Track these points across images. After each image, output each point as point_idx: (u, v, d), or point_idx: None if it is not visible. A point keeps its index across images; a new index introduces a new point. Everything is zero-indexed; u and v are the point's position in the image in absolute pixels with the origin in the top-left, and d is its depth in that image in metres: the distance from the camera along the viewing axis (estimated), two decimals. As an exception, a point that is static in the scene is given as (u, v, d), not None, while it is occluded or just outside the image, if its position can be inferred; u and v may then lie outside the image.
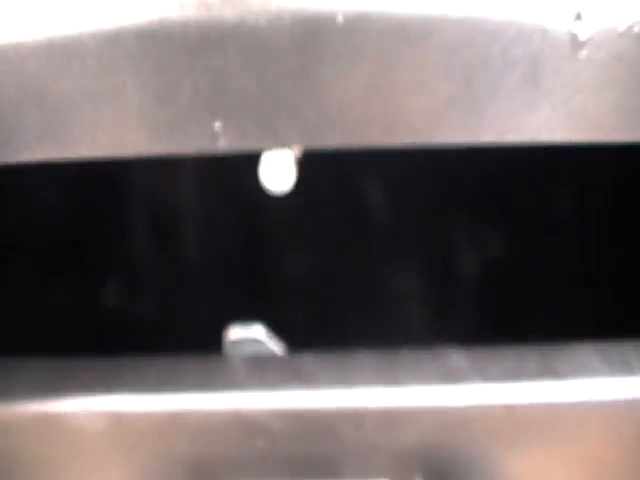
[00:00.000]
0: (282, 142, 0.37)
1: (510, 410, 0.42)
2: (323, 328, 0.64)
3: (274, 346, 0.45)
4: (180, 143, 0.36)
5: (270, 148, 0.37)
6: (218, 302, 0.65)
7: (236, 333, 0.45)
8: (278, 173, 0.37)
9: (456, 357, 0.43)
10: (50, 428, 0.42)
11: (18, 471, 0.44)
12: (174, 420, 0.42)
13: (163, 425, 0.42)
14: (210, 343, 0.45)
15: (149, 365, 0.44)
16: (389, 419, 0.42)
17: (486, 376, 0.42)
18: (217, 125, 0.36)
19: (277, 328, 0.46)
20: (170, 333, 0.64)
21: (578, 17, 0.37)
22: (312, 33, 0.35)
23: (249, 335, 0.45)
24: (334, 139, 0.37)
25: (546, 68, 0.37)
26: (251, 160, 0.39)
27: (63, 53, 0.35)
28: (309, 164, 0.40)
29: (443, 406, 0.42)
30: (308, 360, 0.44)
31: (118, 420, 0.42)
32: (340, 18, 0.35)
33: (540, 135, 0.38)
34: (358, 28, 0.35)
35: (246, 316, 0.46)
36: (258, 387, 0.42)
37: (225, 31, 0.35)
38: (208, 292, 0.65)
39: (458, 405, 0.42)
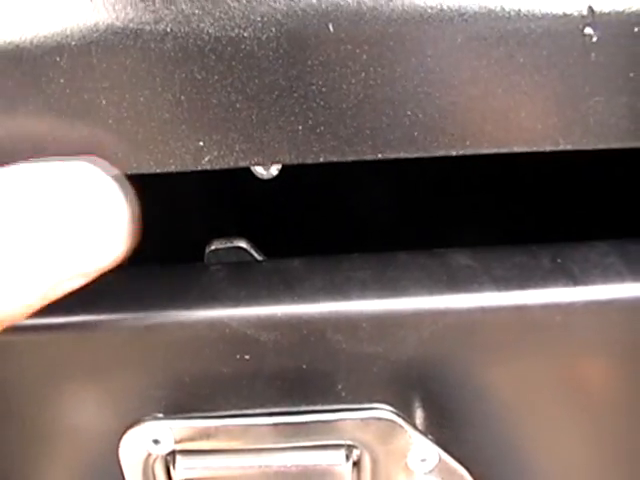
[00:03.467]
0: (270, 158, 0.34)
1: (522, 314, 0.38)
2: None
3: (259, 257, 0.42)
4: (161, 161, 0.34)
5: (258, 164, 0.35)
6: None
7: (217, 243, 0.41)
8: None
9: (461, 257, 0.40)
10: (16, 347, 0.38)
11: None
12: (145, 335, 0.38)
13: (132, 341, 0.38)
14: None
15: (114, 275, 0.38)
16: (386, 327, 0.38)
17: (494, 277, 0.38)
18: (201, 141, 0.34)
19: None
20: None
21: (590, 17, 0.34)
22: (300, 43, 0.32)
23: (231, 244, 0.41)
24: (326, 154, 0.34)
25: (555, 72, 0.35)
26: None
27: (31, 69, 0.32)
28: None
29: (446, 310, 0.38)
30: (296, 265, 0.40)
31: (84, 336, 0.37)
32: (331, 27, 0.32)
33: (547, 143, 0.36)
34: (350, 37, 0.33)
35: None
36: (241, 295, 0.38)
37: (205, 43, 0.32)
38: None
39: (463, 308, 0.38)
